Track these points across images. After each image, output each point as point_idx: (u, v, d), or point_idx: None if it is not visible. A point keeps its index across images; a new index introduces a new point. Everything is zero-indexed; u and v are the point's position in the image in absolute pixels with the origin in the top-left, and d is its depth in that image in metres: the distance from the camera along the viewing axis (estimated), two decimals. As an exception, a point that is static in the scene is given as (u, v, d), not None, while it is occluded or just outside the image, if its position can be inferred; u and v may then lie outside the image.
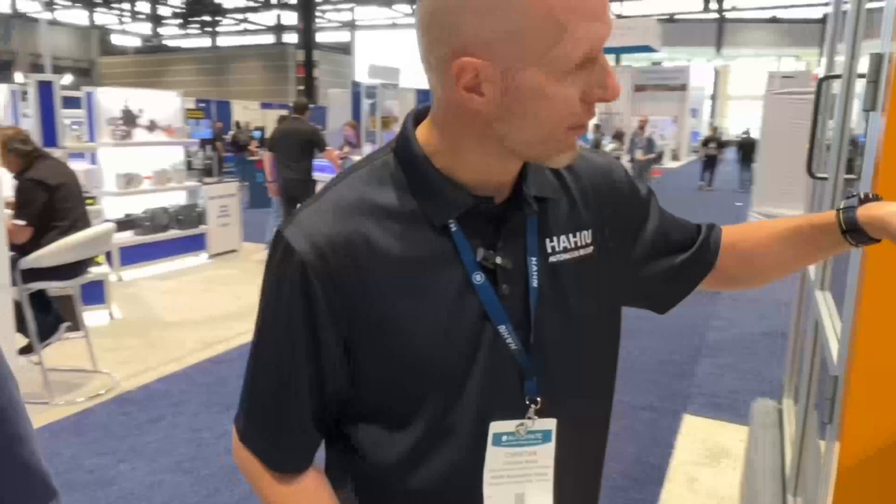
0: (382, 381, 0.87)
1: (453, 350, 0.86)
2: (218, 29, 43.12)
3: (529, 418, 0.89)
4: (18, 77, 23.29)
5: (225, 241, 8.08)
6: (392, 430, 0.89)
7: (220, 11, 40.15)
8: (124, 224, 6.89)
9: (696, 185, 17.41)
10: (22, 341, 4.04)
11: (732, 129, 33.79)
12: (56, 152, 5.09)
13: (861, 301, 1.14)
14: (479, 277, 0.85)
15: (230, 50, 41.38)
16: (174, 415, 3.94)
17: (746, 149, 16.48)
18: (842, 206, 0.94)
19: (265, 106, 21.45)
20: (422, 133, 0.87)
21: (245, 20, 41.77)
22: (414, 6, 0.95)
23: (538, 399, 0.89)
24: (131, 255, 6.92)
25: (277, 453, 0.92)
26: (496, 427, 0.88)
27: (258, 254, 8.16)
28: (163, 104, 7.52)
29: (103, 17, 35.83)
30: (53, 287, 4.19)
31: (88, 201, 5.22)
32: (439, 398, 0.87)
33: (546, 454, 0.91)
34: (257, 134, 18.04)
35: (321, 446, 0.96)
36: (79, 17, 34.48)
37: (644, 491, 3.16)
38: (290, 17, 35.70)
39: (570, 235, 0.92)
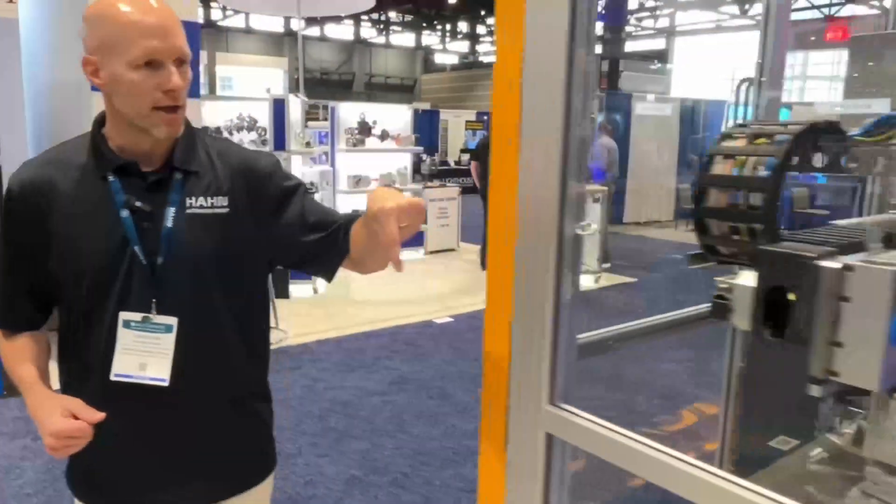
0: (60, 276, 1.33)
1: (103, 260, 1.30)
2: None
3: (150, 313, 1.32)
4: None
5: (442, 240, 9.06)
6: (69, 314, 1.37)
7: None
8: (351, 217, 8.22)
9: None
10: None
11: None
12: (282, 154, 6.46)
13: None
14: (125, 213, 1.30)
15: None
16: (309, 365, 4.90)
17: None
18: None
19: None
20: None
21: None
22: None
23: (155, 301, 1.31)
24: (355, 244, 8.21)
25: (2, 315, 1.42)
26: (125, 315, 1.32)
27: (469, 254, 9.00)
28: (395, 116, 8.75)
29: (428, 38, 40.14)
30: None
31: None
32: (94, 291, 1.32)
33: (168, 341, 1.32)
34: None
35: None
36: (408, 39, 39.18)
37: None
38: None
39: (208, 198, 1.35)
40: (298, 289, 6.72)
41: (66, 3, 4.48)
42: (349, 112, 8.38)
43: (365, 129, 8.38)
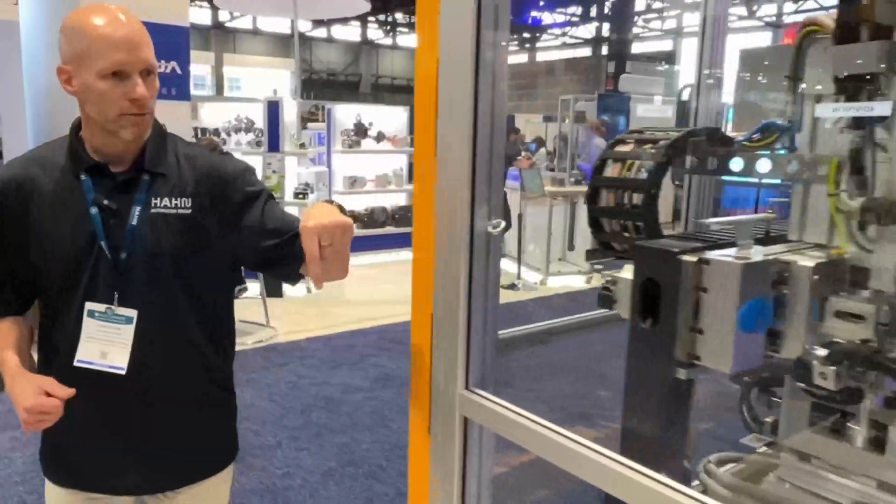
0: (39, 267, 1.44)
1: (73, 253, 1.41)
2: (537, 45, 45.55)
3: (113, 305, 1.42)
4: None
5: (438, 239, 9.14)
6: (45, 303, 1.49)
7: (540, 29, 42.44)
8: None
9: None
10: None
11: None
12: (276, 156, 6.59)
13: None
14: (94, 210, 1.40)
15: (543, 65, 43.34)
16: (297, 361, 5.01)
17: None
18: None
19: (547, 119, 22.44)
20: None
21: (564, 34, 43.50)
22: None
23: (117, 293, 1.41)
24: (351, 246, 8.31)
25: None
26: (89, 305, 1.42)
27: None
28: (392, 118, 8.86)
29: (434, 41, 40.06)
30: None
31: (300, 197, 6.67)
32: (64, 282, 1.43)
33: (128, 331, 1.43)
34: (533, 146, 19.02)
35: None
36: (414, 41, 39.27)
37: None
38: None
39: (173, 198, 1.44)
40: (292, 288, 6.83)
41: (64, 6, 4.59)
42: (345, 113, 8.49)
43: (361, 130, 8.49)
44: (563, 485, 3.29)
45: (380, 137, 8.68)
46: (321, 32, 32.28)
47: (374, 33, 36.07)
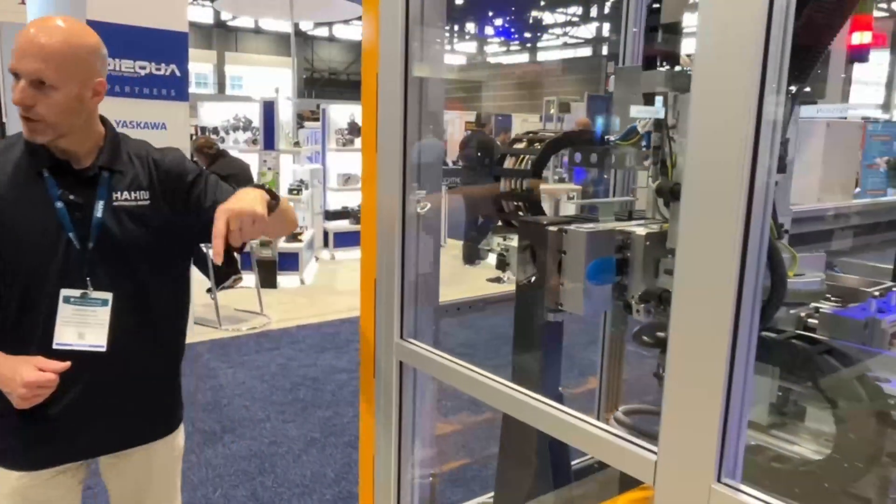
0: (2, 259, 1.49)
1: (41, 245, 1.50)
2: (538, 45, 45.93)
3: (87, 290, 1.54)
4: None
5: (429, 235, 9.46)
6: (12, 292, 1.52)
7: (541, 28, 42.83)
8: (341, 214, 8.68)
9: None
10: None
11: None
12: (272, 153, 6.93)
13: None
14: (59, 204, 1.51)
15: (545, 64, 43.61)
16: (287, 346, 5.36)
17: None
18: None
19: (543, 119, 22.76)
20: None
21: (566, 34, 43.92)
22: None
23: (89, 279, 1.53)
24: (344, 240, 8.68)
25: None
26: (65, 292, 1.52)
27: (454, 250, 9.42)
28: (384, 118, 9.19)
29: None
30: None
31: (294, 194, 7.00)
32: (33, 274, 1.51)
33: (104, 313, 1.55)
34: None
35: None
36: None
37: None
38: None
39: (132, 192, 1.58)
40: (286, 279, 7.18)
41: (71, 7, 4.88)
42: (340, 113, 8.83)
43: (355, 129, 8.82)
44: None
45: (373, 136, 9.01)
46: (323, 32, 32.59)
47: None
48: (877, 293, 1.74)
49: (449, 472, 3.51)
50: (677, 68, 1.34)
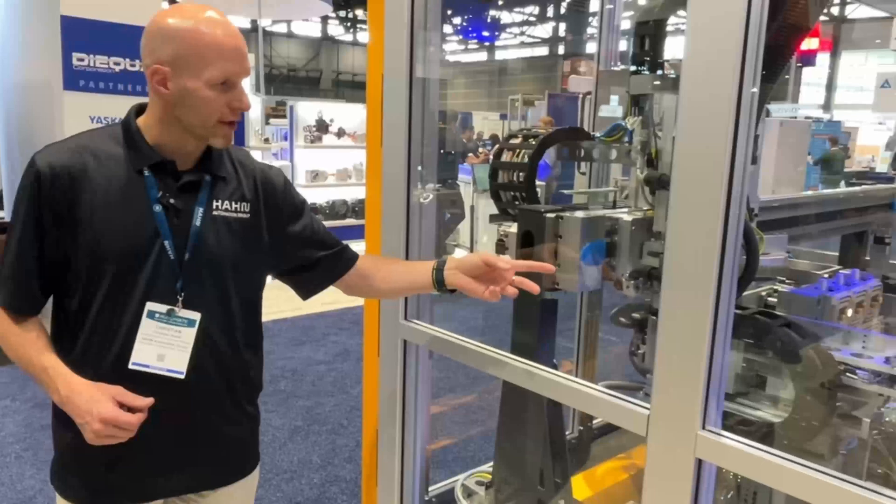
0: (80, 262, 1.32)
1: (133, 250, 1.33)
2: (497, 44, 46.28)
3: (176, 307, 1.35)
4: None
5: (397, 230, 9.58)
6: (90, 300, 1.34)
7: (499, 27, 43.20)
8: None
9: None
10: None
11: None
12: (242, 149, 6.96)
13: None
14: (157, 208, 1.33)
15: (500, 63, 43.93)
16: (265, 339, 5.43)
17: None
18: (435, 267, 1.49)
19: (503, 117, 23.02)
20: (143, 115, 1.38)
21: (523, 34, 44.39)
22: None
23: (182, 294, 1.35)
24: (313, 235, 8.72)
25: (10, 299, 1.36)
26: (150, 306, 1.34)
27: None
28: (351, 115, 9.28)
29: (394, 38, 40.32)
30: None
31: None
32: (120, 282, 1.33)
33: (189, 335, 1.36)
34: (489, 144, 19.51)
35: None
36: (375, 38, 39.40)
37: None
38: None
39: (233, 202, 1.41)
40: (257, 275, 7.22)
41: (37, 5, 4.85)
42: (307, 110, 8.89)
43: (322, 126, 8.89)
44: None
45: (340, 133, 9.09)
46: (281, 28, 32.33)
47: (335, 29, 36.23)
48: (826, 275, 1.96)
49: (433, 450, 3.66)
50: (658, 72, 1.52)
